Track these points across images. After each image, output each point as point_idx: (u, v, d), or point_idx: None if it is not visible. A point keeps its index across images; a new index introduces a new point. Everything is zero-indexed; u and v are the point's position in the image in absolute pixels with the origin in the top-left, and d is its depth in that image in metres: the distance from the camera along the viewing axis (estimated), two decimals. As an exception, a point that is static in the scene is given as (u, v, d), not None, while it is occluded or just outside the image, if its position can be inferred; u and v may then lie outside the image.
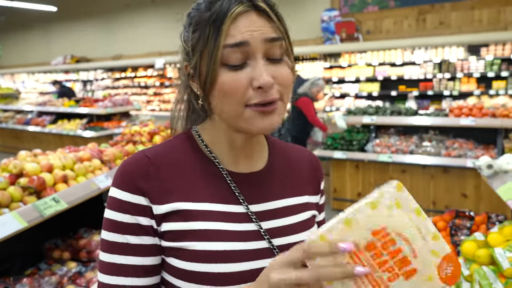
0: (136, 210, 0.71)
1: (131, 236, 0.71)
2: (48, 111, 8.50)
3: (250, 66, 0.67)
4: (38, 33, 14.11)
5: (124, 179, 0.71)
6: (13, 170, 2.19)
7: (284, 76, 0.70)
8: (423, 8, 7.72)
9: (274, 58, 0.69)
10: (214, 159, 0.78)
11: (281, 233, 0.77)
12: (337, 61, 8.24)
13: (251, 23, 0.67)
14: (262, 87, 0.66)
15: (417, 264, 0.56)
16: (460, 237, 2.23)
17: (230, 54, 0.66)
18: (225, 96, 0.68)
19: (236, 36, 0.66)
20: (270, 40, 0.68)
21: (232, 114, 0.70)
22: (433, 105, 7.27)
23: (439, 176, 4.41)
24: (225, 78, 0.67)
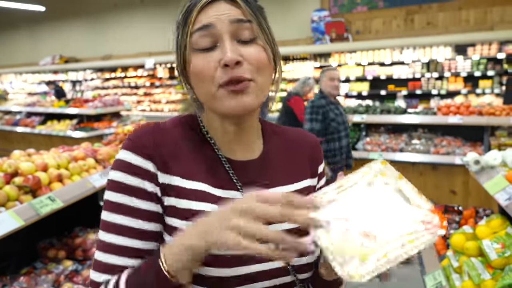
0: (145, 174, 0.72)
1: (136, 199, 0.72)
2: (37, 111, 8.42)
3: (219, 48, 0.71)
4: (26, 33, 13.95)
5: (135, 144, 0.74)
6: (8, 170, 2.19)
7: (253, 55, 0.72)
8: (411, 8, 7.83)
9: (244, 40, 0.72)
10: (213, 145, 0.81)
11: None
12: (327, 61, 8.31)
13: (218, 9, 0.71)
14: (227, 64, 0.69)
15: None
16: (449, 231, 2.30)
17: (198, 38, 0.71)
18: (198, 78, 0.72)
19: (203, 21, 0.71)
20: (237, 21, 0.71)
21: (206, 95, 0.73)
22: (421, 104, 7.38)
23: (428, 173, 4.50)
24: (196, 61, 0.72)
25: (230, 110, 0.72)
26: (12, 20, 13.69)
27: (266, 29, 0.76)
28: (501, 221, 1.92)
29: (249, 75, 0.71)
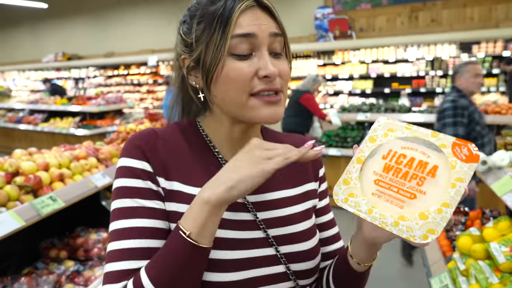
0: (146, 175, 0.73)
1: (144, 200, 0.71)
2: (40, 109, 8.41)
3: (256, 57, 0.72)
4: (28, 30, 13.93)
5: (132, 149, 0.74)
6: (9, 169, 2.17)
7: (285, 70, 0.74)
8: (415, 5, 7.77)
9: (276, 53, 0.74)
10: (213, 149, 0.80)
11: (278, 223, 0.78)
12: (331, 59, 8.27)
13: (256, 17, 0.71)
14: (268, 76, 0.71)
15: (434, 161, 0.60)
16: (456, 232, 2.27)
17: (238, 44, 0.70)
18: (229, 84, 0.71)
19: (244, 28, 0.70)
20: (274, 34, 0.73)
21: (235, 102, 0.73)
22: (425, 102, 7.33)
23: (433, 173, 4.45)
24: (231, 66, 0.71)
25: (264, 118, 0.73)
26: (15, 17, 13.68)
27: (288, 42, 0.78)
28: (509, 223, 1.88)
29: (281, 88, 0.74)
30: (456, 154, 0.59)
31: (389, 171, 0.61)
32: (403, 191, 0.59)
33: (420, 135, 0.63)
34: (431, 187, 0.58)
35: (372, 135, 0.66)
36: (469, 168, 0.58)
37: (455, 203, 0.55)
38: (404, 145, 0.63)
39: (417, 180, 0.59)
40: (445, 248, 2.15)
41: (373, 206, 0.60)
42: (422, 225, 0.55)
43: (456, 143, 0.60)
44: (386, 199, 0.59)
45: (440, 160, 0.60)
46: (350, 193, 0.62)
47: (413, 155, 0.61)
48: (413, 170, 0.60)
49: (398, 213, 0.57)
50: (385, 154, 0.63)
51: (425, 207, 0.56)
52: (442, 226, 0.55)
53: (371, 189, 0.61)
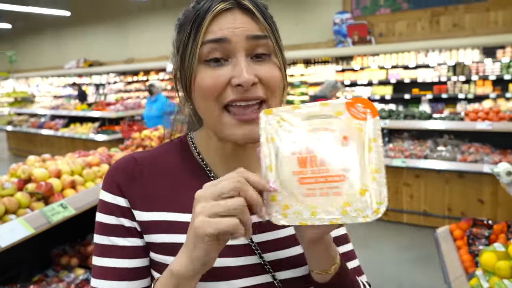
0: (119, 211, 0.69)
1: (117, 238, 0.69)
2: (60, 114, 8.58)
3: (231, 64, 0.64)
4: (52, 38, 14.31)
5: (109, 181, 0.71)
6: (22, 176, 2.18)
7: (269, 76, 0.66)
8: (437, 10, 7.60)
9: (259, 57, 0.66)
10: (205, 167, 0.74)
11: (273, 247, 0.71)
12: (349, 64, 8.16)
13: (234, 20, 0.64)
14: (241, 85, 0.62)
15: (342, 133, 0.55)
16: (479, 247, 2.15)
17: (210, 50, 0.64)
18: (203, 94, 0.66)
19: (216, 32, 0.64)
20: (253, 37, 0.65)
21: (210, 116, 0.67)
22: (447, 108, 7.14)
23: (455, 182, 4.31)
24: (203, 75, 0.65)
25: (240, 140, 0.67)
26: (39, 25, 14.06)
27: (281, 44, 0.70)
28: (536, 239, 1.77)
29: (264, 96, 0.66)
30: (355, 115, 0.55)
31: (306, 163, 0.56)
32: (330, 177, 0.55)
33: (313, 111, 0.57)
34: (353, 160, 0.54)
35: (266, 135, 0.59)
36: (374, 124, 0.55)
37: (382, 165, 0.53)
38: (305, 129, 0.57)
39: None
40: (467, 264, 2.04)
41: (313, 207, 0.55)
42: (366, 201, 0.53)
43: (349, 103, 0.56)
44: (321, 194, 0.55)
45: (345, 128, 0.55)
46: (283, 205, 0.57)
47: (319, 136, 0.56)
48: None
49: (341, 201, 0.54)
50: (292, 149, 0.58)
51: (359, 183, 0.54)
52: (385, 192, 0.53)
53: (300, 191, 0.56)
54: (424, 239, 4.12)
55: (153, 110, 6.21)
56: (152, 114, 6.19)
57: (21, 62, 14.91)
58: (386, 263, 3.71)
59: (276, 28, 0.70)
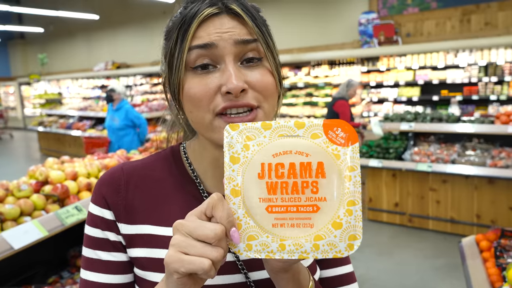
0: (105, 224, 0.68)
1: (102, 252, 0.68)
2: (88, 115, 8.79)
3: (220, 71, 0.61)
4: (82, 41, 14.72)
5: (96, 193, 0.70)
6: (39, 178, 2.21)
7: (261, 81, 0.62)
8: (468, 8, 7.32)
9: (249, 62, 0.62)
10: (195, 179, 0.70)
11: (260, 265, 0.67)
12: (375, 65, 7.98)
13: (221, 25, 0.61)
14: (230, 92, 0.59)
15: (316, 158, 0.50)
16: (507, 260, 2.02)
17: (197, 57, 0.61)
18: (192, 103, 0.62)
19: (204, 38, 0.61)
20: (242, 42, 0.61)
21: (201, 123, 0.63)
22: (478, 110, 6.86)
23: (484, 188, 4.11)
24: (192, 84, 0.62)
25: None
26: (70, 29, 14.50)
27: (273, 48, 0.65)
28: None
29: (255, 102, 0.62)
30: (333, 140, 0.51)
31: (275, 190, 0.51)
32: (302, 207, 0.50)
33: (285, 131, 0.52)
34: (328, 189, 0.50)
35: (231, 154, 0.53)
36: (353, 151, 0.50)
37: (359, 196, 0.50)
38: (274, 152, 0.51)
39: (310, 187, 0.50)
40: (494, 278, 1.92)
41: (282, 239, 0.50)
42: (341, 235, 0.49)
43: (327, 126, 0.51)
44: (291, 224, 0.50)
45: (321, 154, 0.50)
46: (248, 236, 0.51)
47: (291, 160, 0.51)
48: (300, 178, 0.51)
49: (312, 234, 0.50)
50: (260, 172, 0.51)
51: (333, 215, 0.50)
52: (360, 226, 0.49)
53: (268, 220, 0.51)
54: (450, 247, 3.95)
55: (115, 120, 5.08)
56: (115, 125, 5.07)
57: (52, 65, 15.42)
58: (408, 272, 3.57)
59: (268, 31, 0.66)
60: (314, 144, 0.51)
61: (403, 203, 4.60)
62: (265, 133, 0.52)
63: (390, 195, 4.66)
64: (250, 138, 0.53)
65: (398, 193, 4.63)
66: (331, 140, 0.51)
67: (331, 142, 0.50)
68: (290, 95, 9.13)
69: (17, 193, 2.00)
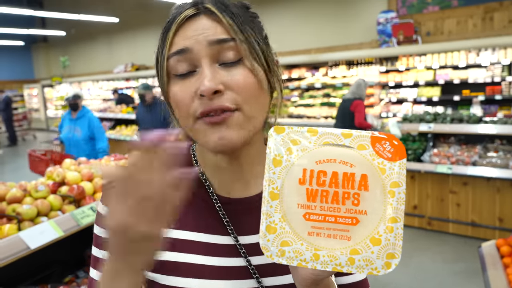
0: None
1: None
2: (107, 117, 8.94)
3: (198, 74, 0.61)
4: (102, 43, 15.01)
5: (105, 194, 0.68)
6: (56, 178, 2.25)
7: (238, 82, 0.60)
8: (490, 6, 7.13)
9: (227, 62, 0.60)
10: (204, 182, 0.70)
11: (273, 271, 0.65)
12: (394, 65, 7.85)
13: (198, 27, 0.60)
14: (203, 94, 0.58)
15: (360, 169, 0.49)
16: (528, 266, 1.95)
17: (176, 63, 0.61)
18: (177, 109, 0.62)
19: (179, 44, 0.61)
20: (217, 42, 0.59)
21: (188, 128, 0.63)
22: (501, 110, 6.67)
23: (507, 190, 3.99)
24: (175, 89, 0.62)
25: (213, 145, 0.61)
26: (91, 32, 14.80)
27: (256, 46, 0.62)
28: None
29: (232, 104, 0.59)
30: (379, 153, 0.49)
31: (315, 198, 0.49)
32: (341, 218, 0.49)
33: (331, 139, 0.50)
34: (369, 203, 0.48)
35: (273, 156, 0.51)
36: (400, 167, 0.49)
37: (401, 214, 0.48)
38: (318, 159, 0.50)
39: (351, 199, 0.49)
40: (514, 284, 1.86)
41: (317, 249, 0.49)
42: (378, 252, 0.47)
43: (375, 138, 0.49)
44: (328, 235, 0.49)
45: (366, 166, 0.49)
46: (282, 241, 0.49)
47: (334, 168, 0.49)
48: (341, 189, 0.49)
49: (348, 247, 0.48)
50: (301, 178, 0.50)
51: (373, 230, 0.48)
52: (399, 245, 0.48)
53: (305, 228, 0.49)
54: (471, 252, 3.84)
55: (77, 131, 4.37)
56: (77, 137, 4.35)
57: (74, 67, 15.75)
58: (427, 276, 3.50)
59: (255, 28, 0.63)
60: (359, 155, 0.49)
61: (422, 205, 4.50)
62: (310, 139, 0.51)
63: (409, 198, 4.58)
64: (294, 142, 0.51)
65: (417, 195, 4.54)
66: (378, 153, 0.49)
67: (377, 155, 0.49)
68: (307, 95, 9.07)
69: (34, 193, 2.05)
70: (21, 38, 16.08)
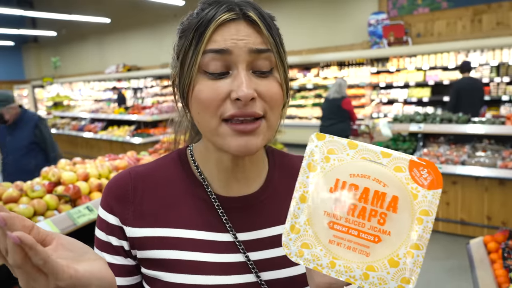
0: (109, 229, 0.70)
1: (106, 254, 0.71)
2: (100, 118, 8.91)
3: (232, 77, 0.62)
4: (94, 44, 14.93)
5: (104, 197, 0.72)
6: (52, 178, 2.27)
7: (270, 92, 0.63)
8: (479, 8, 7.26)
9: (261, 71, 0.63)
10: (203, 182, 0.72)
11: (271, 265, 0.69)
12: (385, 66, 7.95)
13: (237, 31, 0.62)
14: (240, 99, 0.60)
15: (392, 191, 0.50)
16: (514, 261, 2.02)
17: (210, 61, 0.62)
18: (200, 106, 0.63)
19: (219, 43, 0.61)
20: (256, 51, 0.62)
21: (207, 127, 0.64)
22: (490, 111, 6.80)
23: (495, 189, 4.07)
24: (202, 86, 0.62)
25: (233, 150, 0.63)
26: (82, 32, 14.72)
27: (284, 58, 0.66)
28: None
29: (261, 112, 0.63)
30: (415, 178, 0.49)
31: (343, 209, 0.51)
32: (364, 233, 0.49)
33: (369, 155, 0.51)
34: (395, 225, 0.49)
35: (309, 161, 0.53)
36: (434, 197, 0.49)
37: (425, 242, 0.48)
38: (353, 172, 0.51)
39: (378, 217, 0.49)
40: (501, 279, 1.92)
41: (335, 257, 0.50)
42: (394, 274, 0.48)
43: (413, 163, 0.50)
44: (348, 247, 0.50)
45: (399, 189, 0.49)
46: (303, 243, 0.51)
47: (366, 184, 0.50)
48: (370, 205, 0.50)
49: (365, 263, 0.49)
50: (332, 187, 0.51)
51: (393, 251, 0.48)
52: (417, 272, 0.48)
53: (327, 235, 0.50)
54: (460, 249, 3.92)
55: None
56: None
57: (65, 68, 15.64)
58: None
59: (281, 41, 0.67)
60: (394, 177, 0.50)
61: (412, 204, 4.57)
62: (349, 151, 0.52)
63: (400, 197, 4.64)
64: (332, 151, 0.52)
65: (407, 194, 4.60)
66: (414, 178, 0.49)
67: (413, 180, 0.49)
68: (299, 96, 9.14)
69: (30, 193, 2.06)
70: (11, 38, 15.94)
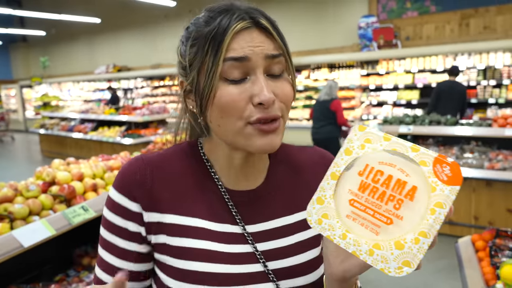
0: (128, 214, 0.71)
1: (119, 239, 0.72)
2: (90, 118, 8.85)
3: (250, 82, 0.66)
4: (83, 44, 14.82)
5: (121, 183, 0.72)
6: (46, 178, 2.27)
7: (285, 93, 0.69)
8: (466, 12, 7.40)
9: (274, 75, 0.68)
10: (214, 175, 0.76)
11: (277, 255, 0.73)
12: (375, 68, 8.05)
13: (252, 39, 0.66)
14: (263, 103, 0.65)
15: (413, 181, 0.54)
16: (501, 259, 2.08)
17: (231, 68, 0.65)
18: (223, 111, 0.66)
19: (238, 51, 0.65)
20: (271, 56, 0.67)
21: (230, 129, 0.68)
22: (477, 113, 6.93)
23: (482, 190, 4.16)
24: (224, 92, 0.66)
25: (259, 149, 0.68)
26: (72, 32, 14.59)
27: (292, 61, 0.72)
28: (561, 252, 1.69)
29: (280, 113, 0.68)
30: (437, 173, 0.53)
31: (365, 190, 0.56)
32: (379, 214, 0.54)
33: (399, 148, 0.56)
34: (409, 211, 0.53)
35: (347, 146, 0.59)
36: (451, 192, 0.52)
37: (433, 232, 0.51)
38: (382, 160, 0.56)
39: (394, 202, 0.54)
40: (489, 276, 1.97)
41: (348, 230, 0.55)
42: (397, 255, 0.51)
43: (438, 159, 0.54)
44: (361, 223, 0.54)
45: (420, 180, 0.54)
46: (324, 213, 0.56)
47: (391, 172, 0.55)
48: (390, 191, 0.54)
49: (373, 240, 0.53)
50: (361, 170, 0.57)
51: (401, 235, 0.52)
52: (419, 258, 0.51)
53: (345, 210, 0.56)
54: (449, 249, 3.99)
55: None
56: None
57: (54, 68, 15.50)
58: (410, 273, 3.62)
59: (287, 45, 0.72)
60: (418, 169, 0.54)
61: (402, 205, 4.64)
62: (383, 143, 0.57)
63: (389, 197, 4.71)
64: (369, 141, 0.58)
65: (397, 195, 4.67)
66: (435, 173, 0.53)
67: (434, 174, 0.53)
68: (290, 98, 9.20)
69: (25, 193, 2.06)
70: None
